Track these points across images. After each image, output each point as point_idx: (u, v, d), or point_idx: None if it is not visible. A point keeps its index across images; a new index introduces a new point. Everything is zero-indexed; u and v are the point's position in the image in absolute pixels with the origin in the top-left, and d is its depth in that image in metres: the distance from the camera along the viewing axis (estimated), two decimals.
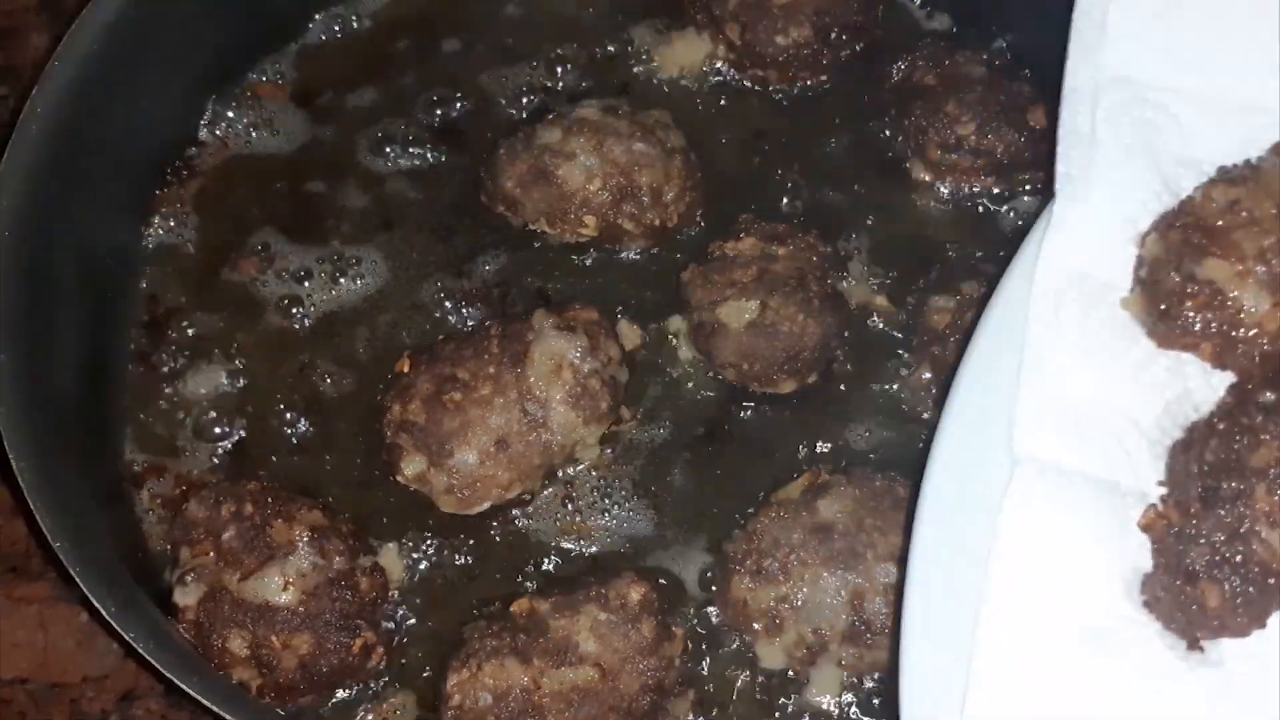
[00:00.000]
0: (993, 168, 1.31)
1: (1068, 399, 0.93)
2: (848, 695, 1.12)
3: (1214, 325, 0.92)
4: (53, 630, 1.26)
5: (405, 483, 1.18)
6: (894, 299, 1.28)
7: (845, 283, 1.28)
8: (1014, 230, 1.31)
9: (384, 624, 1.14)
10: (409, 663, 1.15)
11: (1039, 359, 0.94)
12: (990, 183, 1.32)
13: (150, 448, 1.24)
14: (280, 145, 1.38)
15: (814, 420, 1.24)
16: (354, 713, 1.13)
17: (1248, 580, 0.85)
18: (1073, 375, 0.94)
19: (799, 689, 1.13)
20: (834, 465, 1.19)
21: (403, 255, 1.32)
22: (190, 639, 1.09)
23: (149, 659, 1.00)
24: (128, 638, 1.00)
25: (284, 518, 1.12)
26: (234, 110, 1.39)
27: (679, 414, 1.25)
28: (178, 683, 1.00)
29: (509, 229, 1.32)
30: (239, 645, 1.08)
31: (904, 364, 1.25)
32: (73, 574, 1.02)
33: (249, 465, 1.23)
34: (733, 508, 1.20)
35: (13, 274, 1.12)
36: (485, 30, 1.43)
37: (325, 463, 1.23)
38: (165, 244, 1.33)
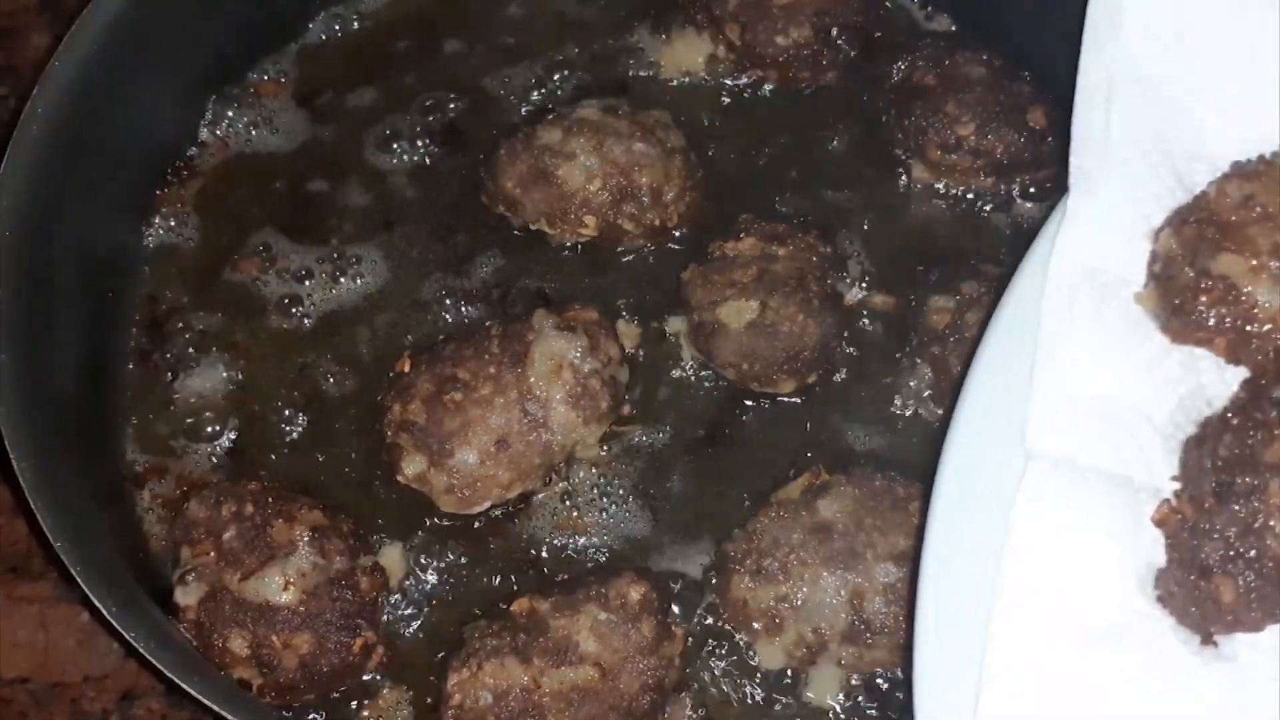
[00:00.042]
0: (992, 168, 1.31)
1: (1081, 394, 0.93)
2: (847, 695, 1.12)
3: (1228, 320, 0.92)
4: (54, 630, 1.26)
5: (406, 482, 1.18)
6: (894, 298, 1.28)
7: (845, 283, 1.28)
8: (1014, 230, 1.31)
9: (384, 623, 1.15)
10: (409, 662, 1.15)
11: (1052, 354, 0.94)
12: (990, 183, 1.32)
13: (151, 447, 1.24)
14: (280, 145, 1.38)
15: (814, 420, 1.24)
16: (354, 712, 1.13)
17: (1262, 575, 0.85)
18: (1086, 370, 0.93)
19: (799, 688, 1.13)
20: (834, 465, 1.19)
21: (403, 255, 1.32)
22: (191, 638, 1.10)
23: (150, 658, 1.00)
24: (128, 637, 1.00)
25: (284, 517, 1.12)
26: (234, 110, 1.39)
27: (679, 414, 1.25)
28: (178, 682, 1.00)
29: (509, 229, 1.33)
30: (240, 645, 1.08)
31: (904, 364, 1.25)
32: (73, 574, 1.02)
33: (249, 465, 1.23)
34: (733, 508, 1.20)
35: (13, 274, 1.12)
36: (486, 30, 1.43)
37: (326, 462, 1.23)
38: (166, 244, 1.33)
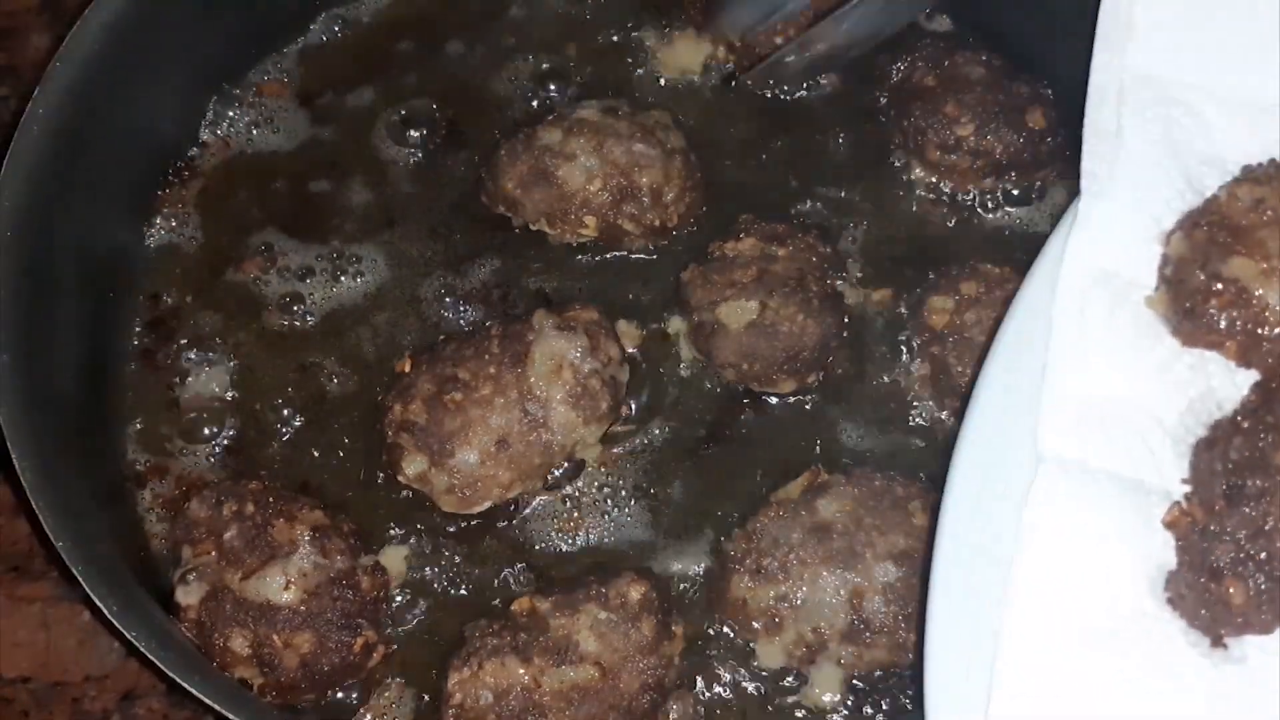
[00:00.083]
0: (991, 168, 1.31)
1: (1092, 397, 0.93)
2: (847, 694, 1.12)
3: (1239, 323, 0.92)
4: (55, 629, 1.26)
5: (406, 482, 1.18)
6: (893, 295, 1.28)
7: (844, 283, 1.28)
8: (1013, 231, 1.32)
9: (385, 623, 1.15)
10: (410, 661, 1.15)
11: (1063, 357, 0.94)
12: (989, 183, 1.32)
13: (152, 447, 1.24)
14: (281, 144, 1.38)
15: (814, 420, 1.24)
16: (355, 711, 1.13)
17: (1272, 578, 0.85)
18: (1097, 373, 0.93)
19: (798, 688, 1.13)
20: (833, 465, 1.19)
21: (404, 254, 1.32)
22: (192, 638, 1.10)
23: (151, 658, 1.01)
24: (129, 637, 1.01)
25: (285, 517, 1.12)
26: (235, 110, 1.39)
27: (679, 414, 1.25)
28: (179, 682, 1.00)
29: (509, 229, 1.33)
30: (241, 644, 1.08)
31: (903, 364, 1.26)
32: (75, 573, 1.02)
33: (250, 465, 1.23)
34: (732, 507, 1.20)
35: (14, 274, 1.12)
36: (487, 31, 1.43)
37: (326, 462, 1.23)
38: (167, 244, 1.33)
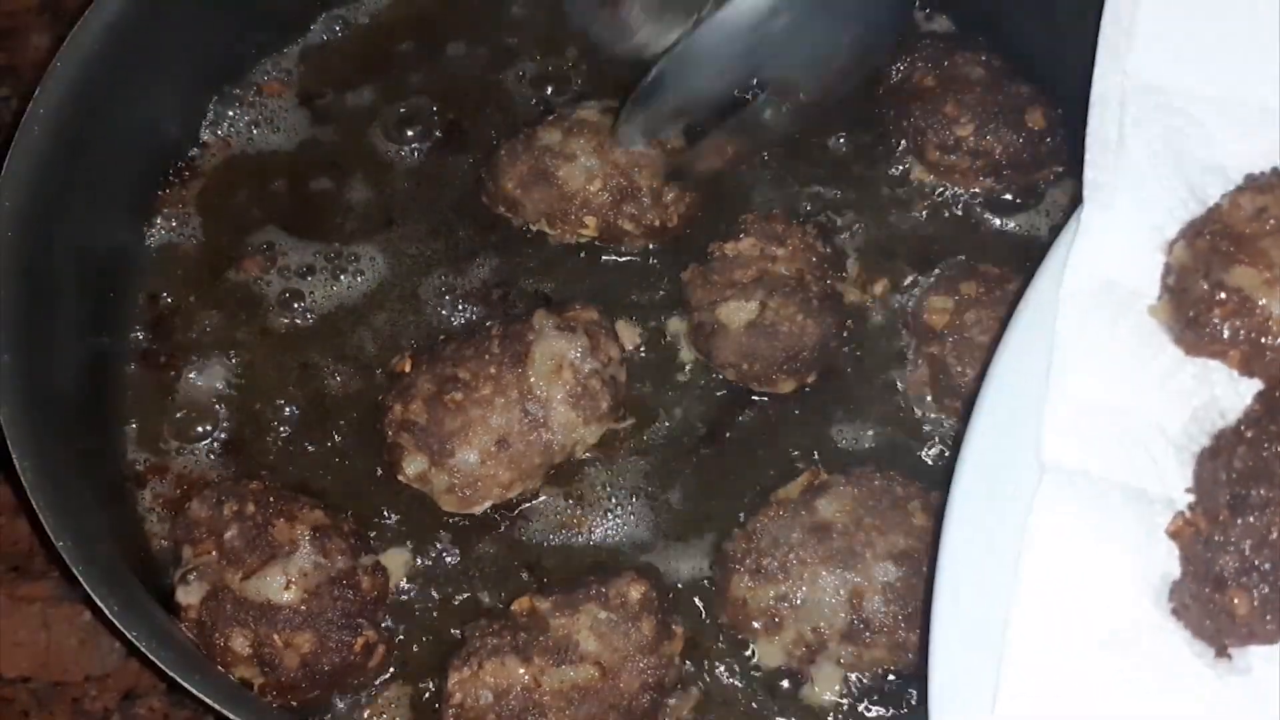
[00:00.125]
0: (991, 169, 1.31)
1: (1095, 406, 0.93)
2: (847, 693, 1.12)
3: (1242, 332, 0.92)
4: (55, 629, 1.26)
5: (406, 482, 1.18)
6: (892, 295, 1.29)
7: (844, 283, 1.28)
8: (1012, 231, 1.32)
9: (385, 622, 1.15)
10: (410, 661, 1.15)
11: (1066, 366, 0.93)
12: (989, 184, 1.32)
13: (152, 447, 1.24)
14: (282, 144, 1.39)
15: (814, 420, 1.24)
16: (355, 711, 1.13)
17: (1276, 587, 0.85)
18: (1100, 382, 0.93)
19: (798, 687, 1.13)
20: (833, 465, 1.19)
21: (404, 254, 1.33)
22: (192, 638, 1.10)
23: (151, 658, 1.00)
24: (130, 636, 1.01)
25: (286, 517, 1.12)
26: (236, 110, 1.39)
27: (679, 414, 1.25)
28: (180, 681, 1.00)
29: (510, 229, 1.33)
30: (241, 644, 1.08)
31: (902, 363, 1.26)
32: (75, 573, 1.02)
33: (251, 464, 1.23)
34: (732, 507, 1.20)
35: (15, 274, 1.12)
36: (487, 31, 1.43)
37: (327, 462, 1.23)
38: (167, 244, 1.33)
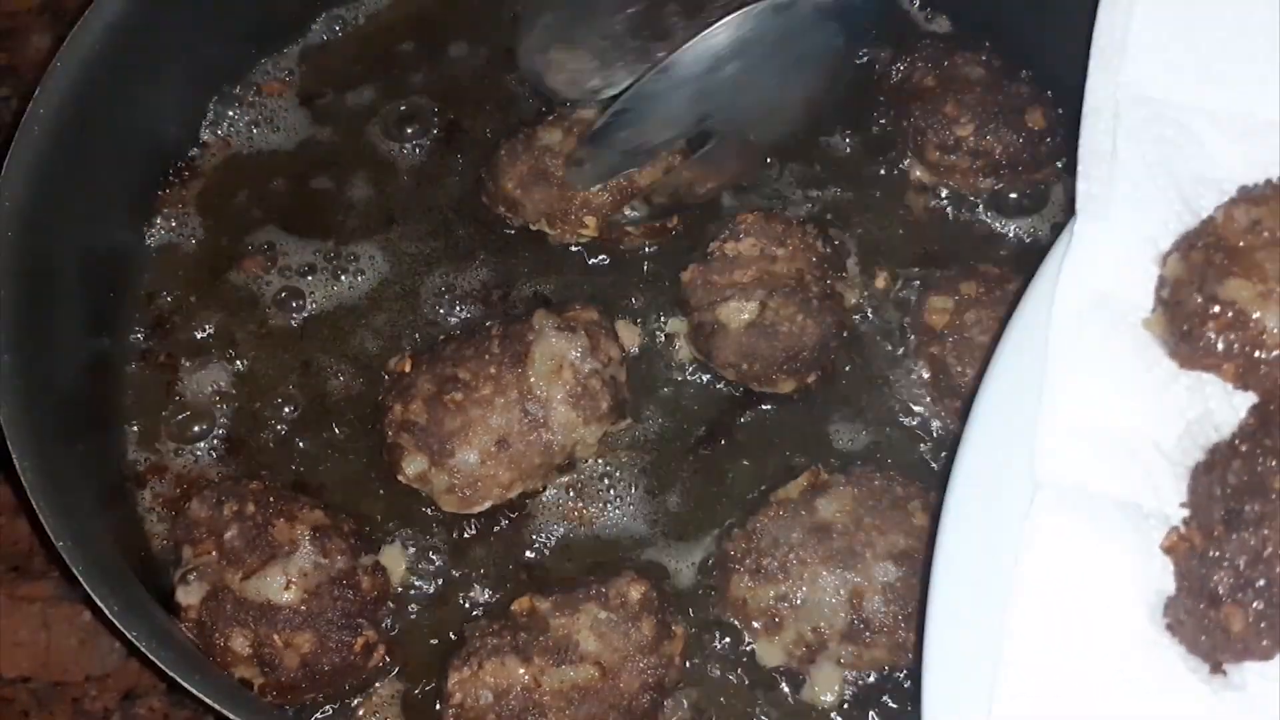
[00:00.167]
0: (991, 169, 1.31)
1: (1089, 419, 0.92)
2: (847, 693, 1.12)
3: (1236, 346, 0.91)
4: (55, 629, 1.26)
5: (406, 482, 1.18)
6: (892, 295, 1.29)
7: (844, 283, 1.28)
8: (1012, 231, 1.32)
9: (385, 622, 1.15)
10: (410, 661, 1.15)
11: (1060, 379, 0.93)
12: (989, 184, 1.32)
13: (152, 447, 1.24)
14: (282, 144, 1.39)
15: (813, 420, 1.24)
16: (355, 711, 1.13)
17: (1272, 604, 0.84)
18: (1094, 396, 0.93)
19: (798, 687, 1.13)
20: (833, 465, 1.20)
21: (404, 254, 1.33)
22: (193, 638, 1.10)
23: (151, 658, 1.00)
24: (130, 636, 1.01)
25: (286, 517, 1.12)
26: (236, 110, 1.39)
27: (679, 414, 1.25)
28: (180, 681, 1.00)
29: (509, 229, 1.33)
30: (241, 644, 1.08)
31: (903, 364, 1.26)
32: (75, 573, 1.02)
33: (250, 464, 1.23)
34: (732, 507, 1.20)
35: (15, 274, 1.12)
36: (487, 31, 1.43)
37: (327, 462, 1.23)
38: (167, 244, 1.34)
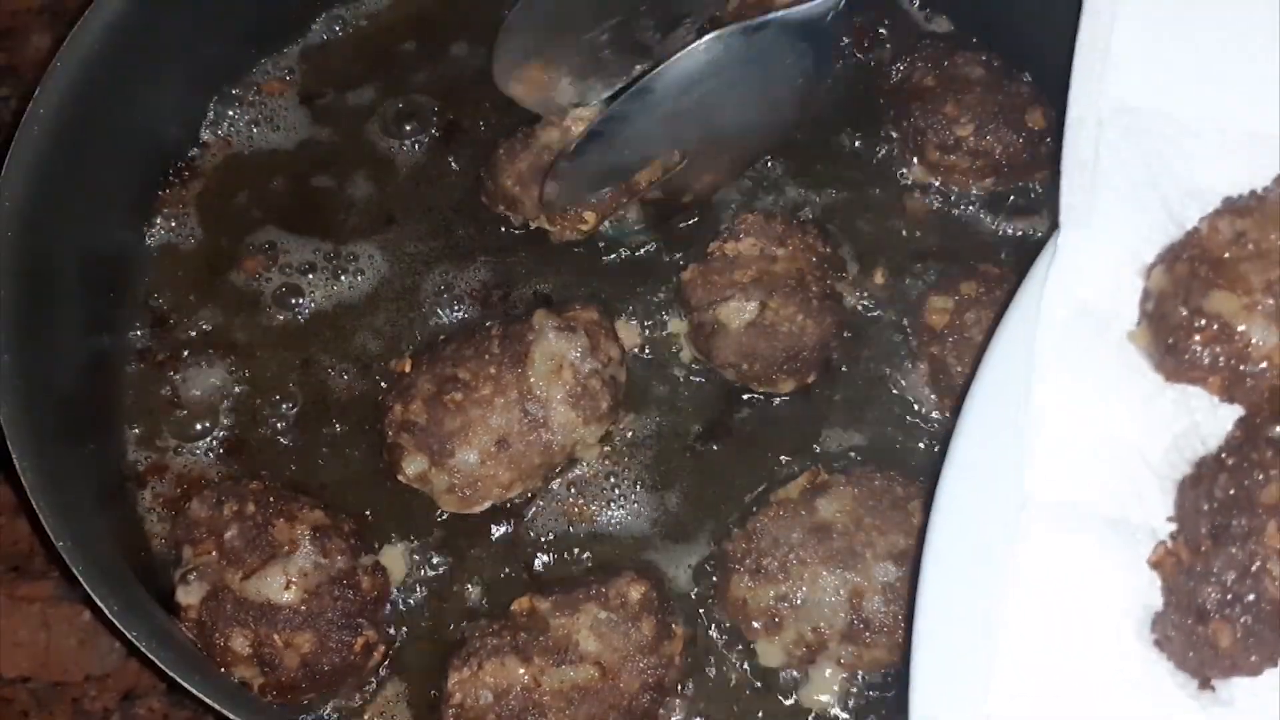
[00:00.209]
0: (991, 168, 1.31)
1: (1075, 433, 0.92)
2: (847, 693, 1.12)
3: (1222, 359, 0.91)
4: (55, 629, 1.26)
5: (406, 482, 1.18)
6: (892, 295, 1.29)
7: (844, 283, 1.28)
8: (1012, 231, 1.32)
9: (385, 622, 1.15)
10: (410, 661, 1.15)
11: (1046, 392, 0.93)
12: (989, 184, 1.32)
13: (152, 447, 1.24)
14: (282, 143, 1.39)
15: (813, 420, 1.24)
16: (355, 711, 1.13)
17: (1260, 619, 0.84)
18: (1080, 409, 0.92)
19: (798, 687, 1.13)
20: (833, 465, 1.20)
21: (404, 253, 1.33)
22: (193, 638, 1.10)
23: (151, 658, 1.01)
24: (130, 636, 1.01)
25: (286, 517, 1.12)
26: (236, 110, 1.39)
27: (679, 414, 1.25)
28: (180, 681, 1.00)
29: (509, 228, 1.33)
30: (241, 644, 1.08)
31: (902, 363, 1.26)
32: (75, 573, 1.02)
33: (250, 464, 1.23)
34: (732, 507, 1.20)
35: (15, 274, 1.12)
36: (487, 31, 1.41)
37: (327, 462, 1.23)
38: (167, 243, 1.33)
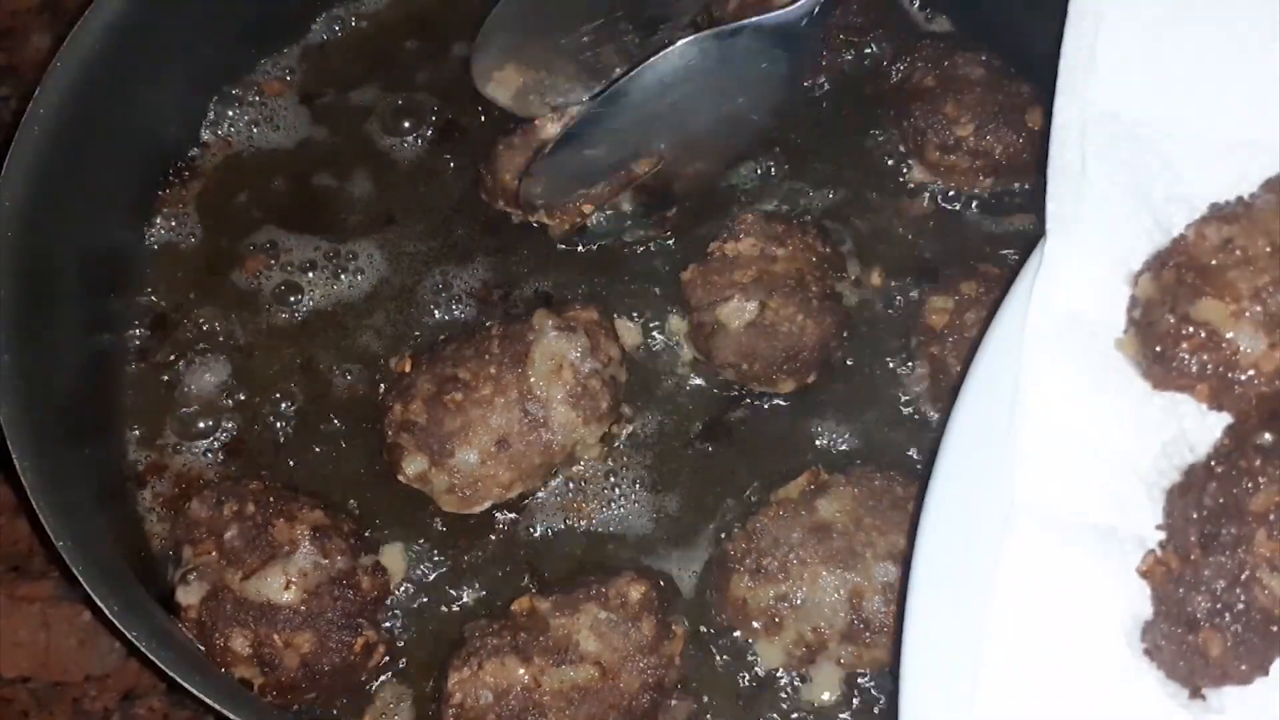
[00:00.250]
0: (991, 168, 1.31)
1: (1063, 442, 0.91)
2: (847, 693, 1.12)
3: (1210, 366, 0.90)
4: (55, 629, 1.26)
5: (407, 482, 1.18)
6: (892, 295, 1.29)
7: (844, 283, 1.28)
8: (1012, 231, 1.32)
9: (385, 622, 1.15)
10: (410, 661, 1.15)
11: (1033, 401, 0.92)
12: (989, 183, 1.33)
13: (152, 447, 1.24)
14: (281, 143, 1.39)
15: (813, 420, 1.24)
16: (356, 711, 1.13)
17: (1249, 627, 0.84)
18: (1067, 418, 0.92)
19: (798, 687, 1.13)
20: (833, 464, 1.19)
21: (403, 252, 1.33)
22: (192, 638, 1.10)
23: (151, 658, 1.01)
24: (130, 636, 1.01)
25: (286, 517, 1.12)
26: (236, 110, 1.39)
27: (679, 414, 1.25)
28: (180, 681, 1.00)
29: (509, 227, 1.33)
30: (241, 644, 1.08)
31: (902, 364, 1.26)
32: (75, 573, 1.02)
33: (251, 464, 1.23)
34: (732, 507, 1.20)
35: (15, 274, 1.12)
36: None
37: (327, 462, 1.23)
38: (167, 243, 1.34)
